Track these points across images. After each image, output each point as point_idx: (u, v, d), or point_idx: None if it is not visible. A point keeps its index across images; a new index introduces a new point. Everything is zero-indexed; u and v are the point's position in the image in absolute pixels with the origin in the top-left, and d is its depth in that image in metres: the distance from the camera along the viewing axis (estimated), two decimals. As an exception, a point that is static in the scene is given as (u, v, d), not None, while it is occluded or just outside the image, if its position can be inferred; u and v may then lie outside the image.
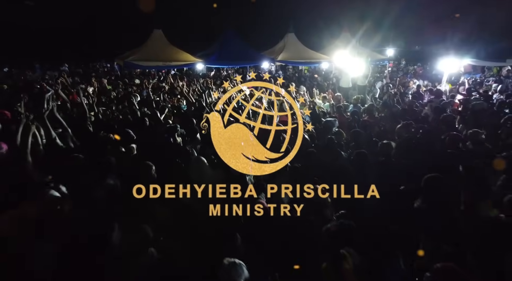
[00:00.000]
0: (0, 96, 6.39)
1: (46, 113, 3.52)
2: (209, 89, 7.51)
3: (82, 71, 16.15)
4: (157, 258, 2.17)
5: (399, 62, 22.08)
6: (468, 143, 4.21)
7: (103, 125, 4.50)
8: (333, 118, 4.75)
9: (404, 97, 9.23)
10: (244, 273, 1.89)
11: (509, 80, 15.76)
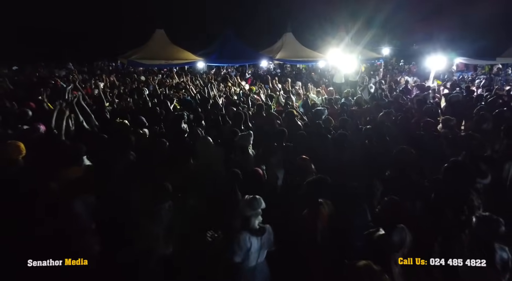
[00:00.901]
0: (19, 90, 6.92)
1: (75, 101, 4.09)
2: (211, 83, 8.08)
3: (87, 69, 16.72)
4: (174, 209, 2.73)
5: (395, 60, 22.69)
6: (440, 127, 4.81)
7: (118, 113, 5.07)
8: (323, 108, 5.31)
9: (393, 92, 9.84)
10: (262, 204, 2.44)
11: (499, 78, 16.38)
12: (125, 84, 8.04)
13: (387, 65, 20.56)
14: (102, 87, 7.54)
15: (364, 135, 4.35)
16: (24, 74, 11.69)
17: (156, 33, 15.44)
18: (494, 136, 4.85)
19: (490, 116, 5.11)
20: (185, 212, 2.74)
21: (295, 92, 7.68)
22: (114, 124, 4.32)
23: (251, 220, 2.42)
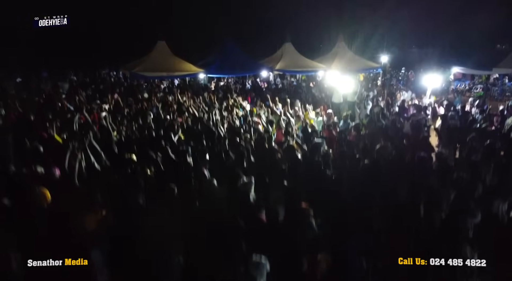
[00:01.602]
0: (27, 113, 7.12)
1: (87, 143, 4.31)
2: (213, 106, 8.30)
3: (89, 79, 16.94)
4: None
5: (392, 68, 22.93)
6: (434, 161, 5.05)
7: (125, 146, 5.28)
8: (321, 140, 5.53)
9: (391, 108, 10.11)
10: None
11: (496, 88, 16.64)
12: (129, 106, 8.22)
13: (385, 73, 20.77)
14: (108, 110, 7.78)
15: (362, 171, 4.58)
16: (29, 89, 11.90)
17: (158, 44, 15.63)
18: (485, 168, 5.09)
19: (480, 147, 5.35)
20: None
21: (294, 114, 7.91)
22: (124, 163, 4.53)
23: (256, 279, 2.64)
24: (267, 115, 8.43)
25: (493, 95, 16.59)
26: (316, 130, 6.78)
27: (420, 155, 4.91)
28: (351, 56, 18.51)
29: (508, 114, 8.51)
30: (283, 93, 11.68)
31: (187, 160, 4.82)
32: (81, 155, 4.01)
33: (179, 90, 11.31)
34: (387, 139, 6.04)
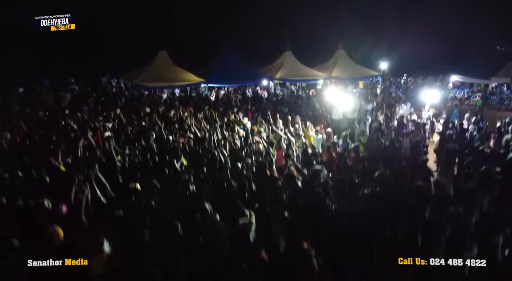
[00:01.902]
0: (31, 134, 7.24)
1: (93, 177, 4.42)
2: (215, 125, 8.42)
3: (90, 89, 17.04)
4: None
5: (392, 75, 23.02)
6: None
7: (129, 173, 5.39)
8: (320, 166, 5.64)
9: (390, 123, 10.23)
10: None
11: (494, 97, 16.76)
12: (132, 124, 8.33)
13: (385, 80, 20.89)
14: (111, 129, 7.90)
15: (361, 202, 4.69)
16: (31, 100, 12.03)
17: (159, 54, 15.79)
18: (482, 195, 5.20)
19: (476, 174, 5.46)
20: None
21: (294, 133, 8.03)
22: (128, 193, 4.64)
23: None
24: (268, 133, 8.57)
25: (491, 104, 16.71)
26: (316, 152, 6.87)
27: (418, 184, 5.02)
28: (350, 64, 18.70)
29: (505, 132, 8.65)
30: (283, 106, 11.75)
31: (190, 188, 4.93)
32: (87, 189, 4.12)
33: (180, 105, 11.30)
34: (386, 163, 6.16)
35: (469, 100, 18.02)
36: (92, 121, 8.61)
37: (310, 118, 10.24)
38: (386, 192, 4.99)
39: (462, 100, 18.26)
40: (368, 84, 19.68)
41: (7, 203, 4.28)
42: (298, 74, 17.28)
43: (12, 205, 4.26)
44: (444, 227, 4.20)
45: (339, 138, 8.97)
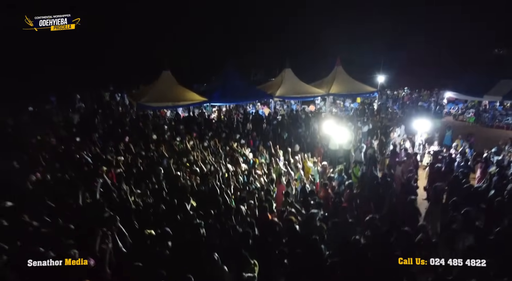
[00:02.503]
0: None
1: (115, 231, 4.98)
2: (219, 157, 9.00)
3: (96, 106, 17.61)
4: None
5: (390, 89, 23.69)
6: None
7: (143, 218, 5.95)
8: (316, 210, 6.20)
9: (383, 151, 10.80)
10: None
11: (486, 114, 17.35)
12: (141, 156, 8.89)
13: (382, 95, 21.48)
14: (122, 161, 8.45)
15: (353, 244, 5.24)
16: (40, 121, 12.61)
17: (163, 74, 16.36)
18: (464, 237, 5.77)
19: (460, 217, 6.03)
20: None
21: (294, 166, 8.60)
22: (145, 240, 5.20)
23: None
24: (268, 161, 9.17)
25: (484, 121, 17.28)
26: (313, 190, 7.44)
27: (404, 229, 5.58)
28: (348, 80, 19.27)
29: (490, 162, 9.23)
30: (283, 130, 12.30)
31: (200, 232, 5.49)
32: (110, 241, 4.69)
33: (184, 129, 11.87)
34: (377, 203, 6.75)
35: (463, 116, 18.62)
36: (103, 152, 9.14)
37: (309, 145, 10.81)
38: (375, 236, 5.55)
39: (456, 116, 18.91)
40: (366, 99, 20.23)
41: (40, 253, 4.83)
42: (297, 91, 17.86)
43: (44, 255, 4.81)
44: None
45: (335, 167, 9.58)
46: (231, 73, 17.37)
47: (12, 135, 11.72)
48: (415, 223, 6.22)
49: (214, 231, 5.55)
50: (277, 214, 6.53)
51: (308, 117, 14.96)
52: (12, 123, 13.82)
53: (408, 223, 6.03)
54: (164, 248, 5.06)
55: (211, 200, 6.58)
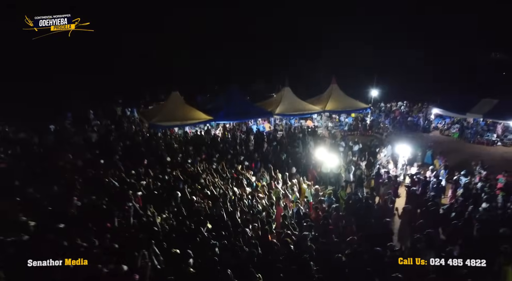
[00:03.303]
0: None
1: (153, 253, 6.46)
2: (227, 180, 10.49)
3: (110, 122, 19.15)
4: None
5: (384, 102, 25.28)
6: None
7: (168, 239, 7.42)
8: (307, 232, 7.68)
9: (370, 173, 12.28)
10: None
11: (468, 130, 18.87)
12: (160, 180, 10.37)
13: (374, 110, 23.01)
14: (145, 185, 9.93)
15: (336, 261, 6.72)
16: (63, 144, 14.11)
17: (172, 95, 17.90)
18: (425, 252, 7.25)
19: (422, 238, 7.51)
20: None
21: (291, 188, 10.11)
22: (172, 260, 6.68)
23: None
24: (268, 181, 10.71)
25: (466, 137, 18.77)
26: (306, 213, 8.93)
27: (376, 249, 7.07)
28: (343, 97, 20.79)
29: (459, 185, 10.73)
30: (282, 151, 13.79)
31: (216, 252, 6.98)
32: (149, 261, 6.18)
33: (194, 151, 13.35)
34: (359, 224, 8.26)
35: (449, 131, 20.12)
36: (128, 176, 10.61)
37: (305, 166, 12.33)
38: (353, 254, 7.04)
39: (443, 131, 20.43)
40: (359, 115, 21.71)
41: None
42: (296, 109, 19.37)
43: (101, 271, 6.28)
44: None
45: (327, 187, 11.11)
46: (234, 93, 18.89)
47: (39, 155, 13.24)
48: (387, 242, 7.69)
49: (226, 251, 7.05)
50: (276, 234, 8.01)
51: (305, 136, 16.44)
52: (38, 142, 15.40)
53: (381, 243, 7.51)
54: (188, 266, 6.54)
55: (221, 223, 8.08)
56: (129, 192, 9.18)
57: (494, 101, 18.17)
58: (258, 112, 19.00)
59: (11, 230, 7.10)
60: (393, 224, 9.37)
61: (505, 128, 18.08)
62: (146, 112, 18.70)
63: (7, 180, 10.16)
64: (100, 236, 7.24)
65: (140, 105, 23.74)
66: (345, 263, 6.77)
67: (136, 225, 7.80)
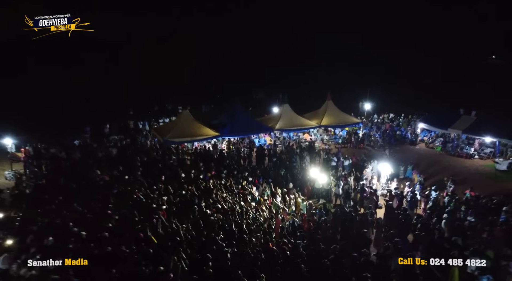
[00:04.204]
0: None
1: (182, 258, 8.46)
2: (234, 194, 12.52)
3: (125, 137, 21.21)
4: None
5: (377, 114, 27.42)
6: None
7: (189, 245, 9.43)
8: (299, 241, 9.67)
9: (357, 186, 14.30)
10: None
11: (449, 144, 20.86)
12: (178, 196, 12.38)
13: (367, 123, 25.07)
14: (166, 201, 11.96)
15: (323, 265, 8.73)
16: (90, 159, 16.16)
17: (183, 113, 20.00)
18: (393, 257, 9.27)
19: (390, 245, 9.52)
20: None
21: (289, 202, 12.15)
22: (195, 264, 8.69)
23: None
24: (269, 194, 12.75)
25: (448, 150, 20.78)
26: (300, 224, 10.96)
27: (353, 254, 9.07)
28: (337, 112, 22.83)
29: (429, 199, 12.74)
30: (281, 166, 15.83)
31: (228, 257, 8.99)
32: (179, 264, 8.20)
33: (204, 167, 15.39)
34: (342, 234, 10.27)
35: (433, 144, 22.13)
36: (151, 191, 12.62)
37: (301, 182, 14.37)
38: (336, 260, 9.05)
39: (428, 144, 22.44)
40: (352, 129, 23.72)
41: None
42: (294, 124, 21.42)
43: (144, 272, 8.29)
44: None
45: (319, 200, 13.14)
46: (239, 110, 20.93)
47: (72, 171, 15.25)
48: (363, 249, 9.69)
49: (236, 256, 9.07)
50: (275, 242, 10.03)
51: (302, 151, 18.49)
52: (65, 157, 17.46)
53: (358, 249, 9.52)
54: (208, 268, 8.57)
55: (231, 233, 10.10)
56: (154, 206, 11.20)
57: (473, 118, 20.18)
58: (260, 128, 21.04)
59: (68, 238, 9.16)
60: (372, 233, 11.37)
61: (482, 142, 20.05)
62: (159, 129, 20.82)
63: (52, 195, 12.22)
64: (137, 244, 9.27)
65: (151, 118, 25.79)
66: (328, 266, 8.79)
67: (163, 234, 9.83)
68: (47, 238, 9.38)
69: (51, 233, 9.61)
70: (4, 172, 16.27)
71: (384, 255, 9.43)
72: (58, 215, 10.95)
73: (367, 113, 26.34)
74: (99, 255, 8.62)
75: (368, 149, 21.73)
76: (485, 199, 12.21)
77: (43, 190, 12.78)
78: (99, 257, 8.55)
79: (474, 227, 10.42)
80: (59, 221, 10.55)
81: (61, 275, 7.61)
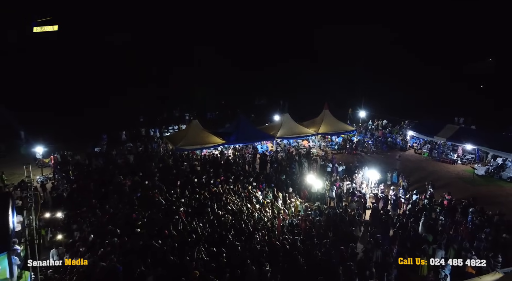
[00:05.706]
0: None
1: (203, 252, 10.48)
2: (241, 198, 14.53)
3: (141, 145, 23.24)
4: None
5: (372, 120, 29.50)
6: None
7: (207, 240, 11.43)
8: (297, 237, 11.65)
9: (349, 191, 16.30)
10: None
11: (435, 150, 22.86)
12: (193, 200, 14.39)
13: (361, 130, 27.10)
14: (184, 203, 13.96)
15: (314, 257, 10.74)
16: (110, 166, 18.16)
17: (192, 122, 22.07)
18: (374, 250, 11.28)
19: (372, 240, 11.51)
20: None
21: (289, 205, 14.16)
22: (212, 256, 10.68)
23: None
24: (271, 198, 14.75)
25: (434, 156, 22.77)
26: (297, 223, 12.95)
27: (341, 248, 11.06)
28: (334, 121, 24.86)
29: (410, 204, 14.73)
30: (282, 172, 17.84)
31: (238, 250, 11.00)
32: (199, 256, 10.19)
33: (213, 174, 17.39)
34: (334, 231, 12.27)
35: (421, 150, 24.13)
36: (170, 195, 14.62)
37: (299, 186, 16.38)
38: (326, 252, 11.04)
39: (416, 150, 24.44)
40: (347, 136, 25.74)
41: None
42: (294, 132, 23.47)
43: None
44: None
45: (315, 202, 15.14)
46: (243, 119, 22.97)
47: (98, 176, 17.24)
48: (349, 244, 11.67)
49: (245, 250, 11.09)
50: (277, 238, 12.03)
51: (301, 158, 20.51)
52: (88, 163, 19.50)
53: (346, 244, 11.49)
54: (223, 259, 10.58)
55: (241, 231, 12.11)
56: (174, 208, 13.22)
57: (456, 127, 22.20)
58: (262, 136, 23.08)
59: (106, 235, 11.17)
60: (360, 231, 13.33)
61: (465, 149, 22.02)
62: (171, 137, 22.91)
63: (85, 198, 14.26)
64: (163, 239, 11.26)
65: (161, 125, 27.84)
66: (320, 257, 10.80)
67: (183, 232, 11.84)
68: (90, 234, 11.42)
69: (92, 231, 11.67)
70: (36, 177, 18.29)
71: (366, 249, 11.43)
72: (94, 215, 13.01)
73: (361, 120, 28.35)
74: (133, 249, 10.64)
75: (362, 155, 23.72)
76: (455, 201, 14.21)
77: (77, 194, 14.82)
78: (133, 251, 10.54)
79: (444, 225, 12.41)
80: (96, 220, 12.60)
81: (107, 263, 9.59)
